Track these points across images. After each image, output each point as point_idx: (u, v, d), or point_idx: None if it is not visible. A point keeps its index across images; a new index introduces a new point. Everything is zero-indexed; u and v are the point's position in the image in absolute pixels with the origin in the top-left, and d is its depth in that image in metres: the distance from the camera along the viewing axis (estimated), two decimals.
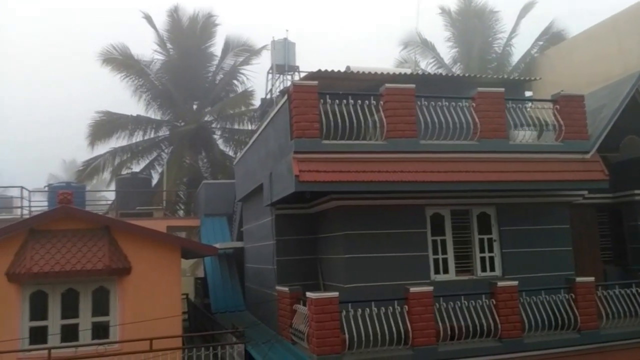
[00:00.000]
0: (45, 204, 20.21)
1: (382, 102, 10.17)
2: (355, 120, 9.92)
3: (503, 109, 10.86)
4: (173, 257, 10.91)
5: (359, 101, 10.02)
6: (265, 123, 12.31)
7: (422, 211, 10.73)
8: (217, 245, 15.67)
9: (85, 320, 10.30)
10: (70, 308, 10.24)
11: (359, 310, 9.19)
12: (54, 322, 10.11)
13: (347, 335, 9.06)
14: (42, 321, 10.03)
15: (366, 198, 10.37)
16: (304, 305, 9.64)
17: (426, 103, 10.40)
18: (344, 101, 9.90)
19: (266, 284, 12.95)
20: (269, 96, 20.26)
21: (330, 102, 9.82)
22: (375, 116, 10.22)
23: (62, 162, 58.42)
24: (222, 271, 17.04)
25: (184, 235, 25.92)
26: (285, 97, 10.30)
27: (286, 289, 10.62)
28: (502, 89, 11.01)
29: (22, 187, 18.20)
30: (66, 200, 10.43)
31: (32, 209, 18.95)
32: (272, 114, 11.69)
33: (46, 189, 21.34)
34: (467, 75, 13.03)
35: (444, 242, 10.83)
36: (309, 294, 9.33)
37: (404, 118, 10.11)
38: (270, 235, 12.30)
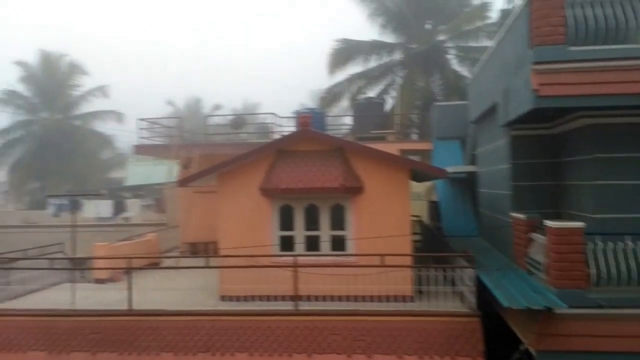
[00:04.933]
0: (294, 128, 22.33)
1: None
2: (615, 21, 8.23)
3: None
4: (402, 178, 10.98)
5: None
6: (502, 34, 11.13)
7: None
8: (449, 169, 15.31)
9: (324, 233, 11.20)
10: (312, 221, 11.23)
11: (610, 243, 8.02)
12: (299, 233, 11.23)
13: (594, 270, 8.04)
14: (289, 231, 11.24)
15: (624, 115, 8.72)
16: (543, 234, 8.81)
17: None
18: None
19: (500, 210, 12.22)
20: (509, 6, 18.30)
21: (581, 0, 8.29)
22: None
23: (310, 91, 63.76)
24: (455, 195, 16.71)
25: (417, 159, 26.09)
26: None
27: (522, 216, 9.84)
28: None
29: (274, 114, 20.36)
30: (305, 124, 11.21)
31: (284, 133, 21.09)
32: (509, 22, 10.47)
33: (293, 115, 23.46)
34: None
35: None
36: (548, 223, 8.46)
37: None
38: (505, 158, 11.42)
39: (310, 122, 11.27)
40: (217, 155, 15.95)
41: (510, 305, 8.05)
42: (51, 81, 42.27)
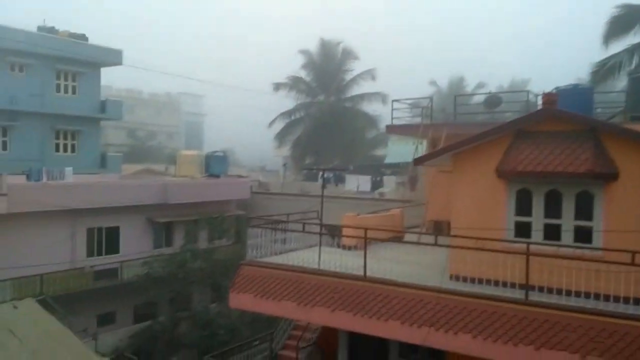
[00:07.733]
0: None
1: None
2: None
3: None
4: None
5: None
6: None
7: None
8: None
9: (567, 222, 10.25)
10: (552, 208, 10.38)
11: None
12: (537, 220, 10.49)
13: None
14: (526, 217, 10.60)
15: None
16: None
17: None
18: None
19: None
20: None
21: None
22: None
23: (589, 65, 56.97)
24: None
25: None
26: None
27: None
28: None
29: (527, 92, 19.05)
30: (550, 102, 10.35)
31: None
32: None
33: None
34: None
35: None
36: None
37: None
38: None
39: (556, 101, 10.37)
40: (464, 135, 15.79)
41: None
42: (328, 67, 47.31)
